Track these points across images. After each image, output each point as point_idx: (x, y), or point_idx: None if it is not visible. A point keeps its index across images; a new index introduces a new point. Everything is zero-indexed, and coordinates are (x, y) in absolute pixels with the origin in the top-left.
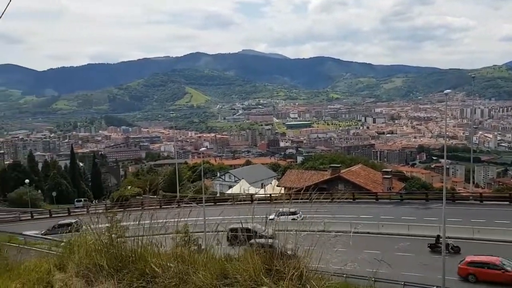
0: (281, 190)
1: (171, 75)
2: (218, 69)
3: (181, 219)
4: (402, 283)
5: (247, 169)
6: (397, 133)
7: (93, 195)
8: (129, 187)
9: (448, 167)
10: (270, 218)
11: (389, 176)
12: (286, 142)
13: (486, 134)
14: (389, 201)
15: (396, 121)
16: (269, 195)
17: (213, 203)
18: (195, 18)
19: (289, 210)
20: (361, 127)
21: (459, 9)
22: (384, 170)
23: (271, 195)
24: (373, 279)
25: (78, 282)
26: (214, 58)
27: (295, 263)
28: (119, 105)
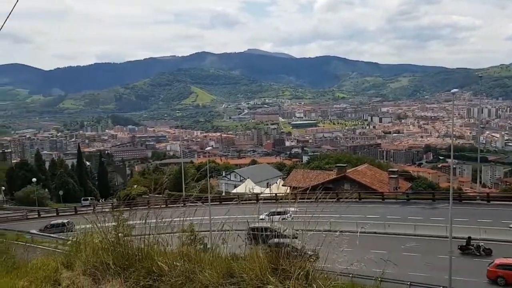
0: (287, 189)
1: (177, 75)
2: (223, 69)
3: (187, 218)
4: (408, 283)
5: (253, 169)
6: (403, 133)
7: (99, 194)
8: (135, 186)
9: (455, 167)
10: (260, 217)
11: (395, 176)
12: (291, 141)
13: (493, 133)
14: (395, 201)
15: (402, 121)
16: (274, 195)
17: (218, 203)
18: (201, 17)
19: (278, 209)
20: (367, 127)
21: (465, 8)
22: (390, 169)
23: (277, 195)
24: (379, 279)
25: (85, 280)
26: (219, 57)
27: (301, 262)
28: (125, 104)
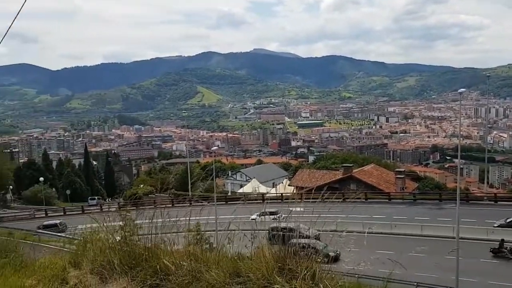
0: (293, 189)
1: (183, 75)
2: (229, 68)
3: (193, 218)
4: (415, 284)
5: (259, 168)
6: (410, 133)
7: (106, 193)
8: (141, 186)
9: (462, 167)
10: (252, 218)
11: (402, 176)
12: (297, 141)
13: (501, 133)
14: (402, 201)
15: (409, 121)
16: (280, 195)
17: (224, 202)
18: (207, 17)
19: (270, 210)
20: (374, 127)
21: (473, 7)
22: (397, 170)
23: (282, 195)
24: (386, 279)
25: (92, 279)
26: (225, 57)
27: (308, 262)
28: (131, 104)
